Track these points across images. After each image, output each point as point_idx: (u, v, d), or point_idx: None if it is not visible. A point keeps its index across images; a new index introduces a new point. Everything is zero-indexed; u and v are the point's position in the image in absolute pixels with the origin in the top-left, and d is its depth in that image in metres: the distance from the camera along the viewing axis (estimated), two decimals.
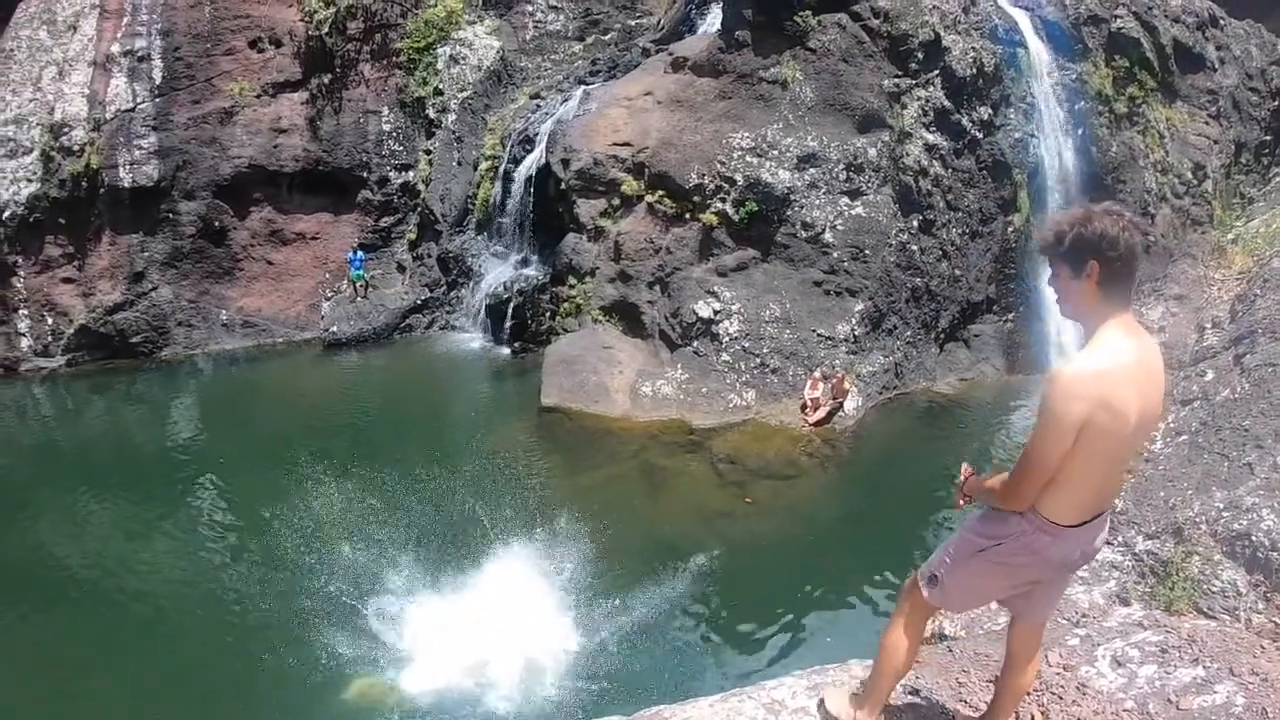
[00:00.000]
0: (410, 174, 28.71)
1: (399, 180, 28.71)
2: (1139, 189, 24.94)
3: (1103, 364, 3.97)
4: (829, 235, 21.45)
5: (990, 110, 23.16)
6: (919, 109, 22.31)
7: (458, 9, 29.24)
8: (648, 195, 22.80)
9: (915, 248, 21.95)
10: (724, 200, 21.83)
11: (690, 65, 23.85)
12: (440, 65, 28.75)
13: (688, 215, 22.30)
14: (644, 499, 17.99)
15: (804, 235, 21.48)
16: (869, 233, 21.53)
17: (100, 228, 26.30)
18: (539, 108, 27.07)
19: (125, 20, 26.54)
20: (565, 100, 26.27)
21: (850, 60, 22.18)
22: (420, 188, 28.60)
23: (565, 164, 23.64)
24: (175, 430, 22.60)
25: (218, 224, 27.03)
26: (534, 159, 25.52)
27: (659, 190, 22.63)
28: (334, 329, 26.82)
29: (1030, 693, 5.19)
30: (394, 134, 28.71)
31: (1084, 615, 6.10)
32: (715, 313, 21.21)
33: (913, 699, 5.30)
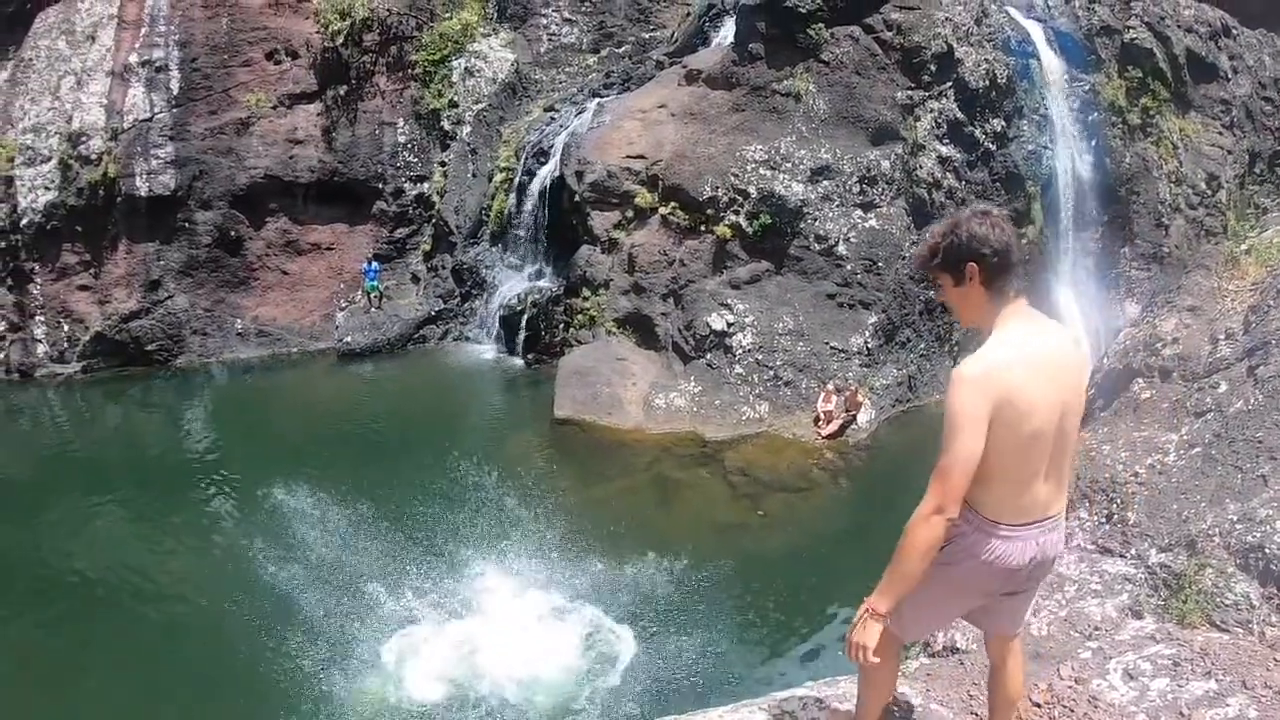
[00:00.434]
0: (425, 185, 28.82)
1: (414, 192, 28.82)
2: (1153, 200, 24.91)
3: (998, 359, 3.96)
4: (842, 248, 21.46)
5: (1003, 122, 23.16)
6: (932, 121, 22.33)
7: (473, 22, 29.38)
8: (661, 207, 22.85)
9: None
10: (737, 213, 21.86)
11: (704, 78, 23.90)
12: (455, 78, 28.89)
13: (701, 227, 22.33)
14: (656, 511, 18.01)
15: (817, 248, 21.50)
16: (882, 245, 21.54)
17: (117, 236, 26.44)
18: (553, 120, 27.14)
19: (143, 31, 26.71)
20: (579, 113, 26.34)
21: (863, 72, 22.22)
22: (435, 199, 28.71)
23: (579, 176, 23.70)
24: (189, 437, 22.72)
25: (233, 234, 27.15)
26: (548, 171, 25.59)
27: (673, 202, 22.68)
28: (348, 339, 26.89)
29: (1041, 705, 5.19)
30: (409, 146, 28.83)
31: (1096, 628, 6.08)
32: (728, 325, 21.23)
33: (924, 712, 5.29)
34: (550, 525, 16.24)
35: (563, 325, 24.10)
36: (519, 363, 25.07)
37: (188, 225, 26.77)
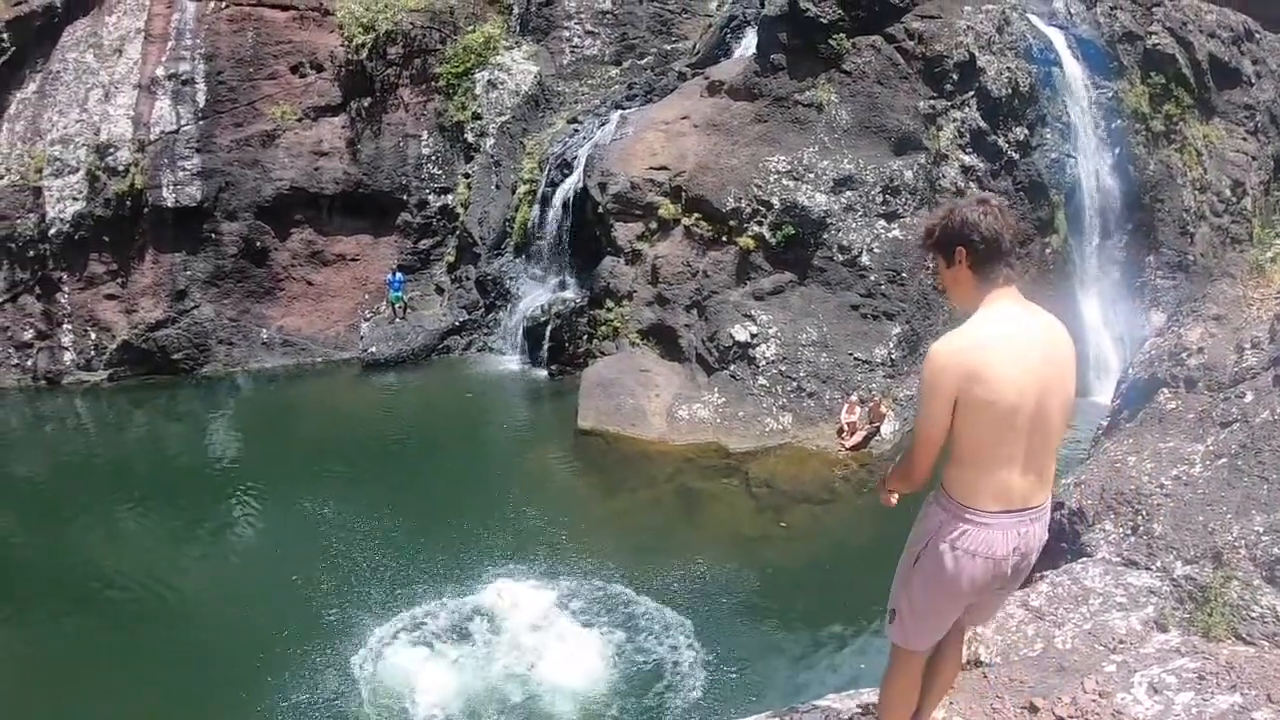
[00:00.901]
0: (449, 197, 28.95)
1: (438, 203, 28.96)
2: (1177, 208, 24.76)
3: (969, 339, 4.07)
4: (866, 258, 21.42)
5: (1026, 130, 23.09)
6: (955, 130, 22.28)
7: (496, 35, 29.53)
8: (684, 218, 22.85)
9: None
10: (761, 223, 21.86)
11: (726, 89, 23.93)
12: (479, 90, 29.03)
13: (724, 238, 22.32)
14: (679, 523, 18.01)
15: (841, 258, 21.47)
16: (906, 255, 21.48)
17: (144, 246, 26.68)
18: (576, 132, 27.20)
19: (170, 44, 26.94)
20: (602, 124, 26.39)
21: (885, 82, 22.19)
22: (459, 211, 28.83)
23: (603, 187, 23.75)
24: (213, 445, 22.86)
25: (259, 244, 27.34)
26: (572, 183, 25.64)
27: (696, 213, 22.68)
28: (372, 349, 27.02)
29: (1065, 719, 5.17)
30: (433, 158, 28.98)
31: (1121, 642, 6.06)
32: (752, 336, 21.21)
33: None
34: (573, 536, 16.26)
35: (586, 336, 24.12)
36: (542, 374, 25.10)
37: (214, 236, 26.98)
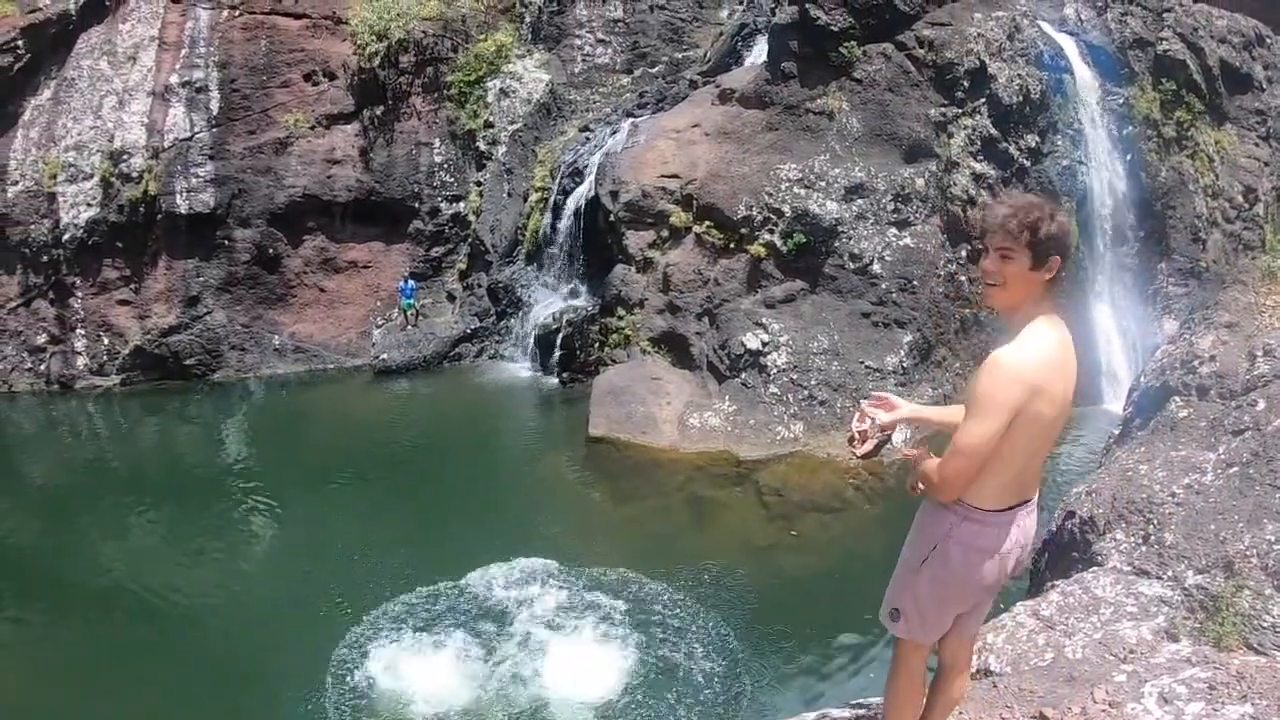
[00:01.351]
0: (461, 205, 29.05)
1: (450, 211, 29.06)
2: (1189, 214, 24.68)
3: (1037, 353, 4.10)
4: (877, 266, 21.41)
5: (1037, 138, 23.06)
6: (966, 138, 22.26)
7: (508, 43, 29.62)
8: (696, 227, 22.87)
9: (964, 278, 21.84)
10: (772, 231, 21.86)
11: (737, 97, 23.96)
12: (490, 98, 29.10)
13: (735, 246, 22.33)
14: (690, 530, 18.00)
15: (852, 266, 21.46)
16: (917, 263, 21.47)
17: (157, 252, 26.85)
18: (588, 140, 27.27)
19: (183, 52, 27.13)
20: (613, 132, 26.45)
21: (896, 90, 22.20)
22: (471, 218, 28.92)
23: (614, 196, 23.78)
24: (225, 450, 22.96)
25: (272, 251, 27.46)
26: (583, 191, 25.70)
27: (707, 221, 22.70)
28: (384, 356, 27.08)
29: None
30: (445, 165, 29.07)
31: (1131, 651, 6.04)
32: (763, 344, 21.19)
33: None
34: (583, 543, 16.26)
35: (597, 344, 24.14)
36: (554, 381, 25.14)
37: (227, 242, 27.12)
